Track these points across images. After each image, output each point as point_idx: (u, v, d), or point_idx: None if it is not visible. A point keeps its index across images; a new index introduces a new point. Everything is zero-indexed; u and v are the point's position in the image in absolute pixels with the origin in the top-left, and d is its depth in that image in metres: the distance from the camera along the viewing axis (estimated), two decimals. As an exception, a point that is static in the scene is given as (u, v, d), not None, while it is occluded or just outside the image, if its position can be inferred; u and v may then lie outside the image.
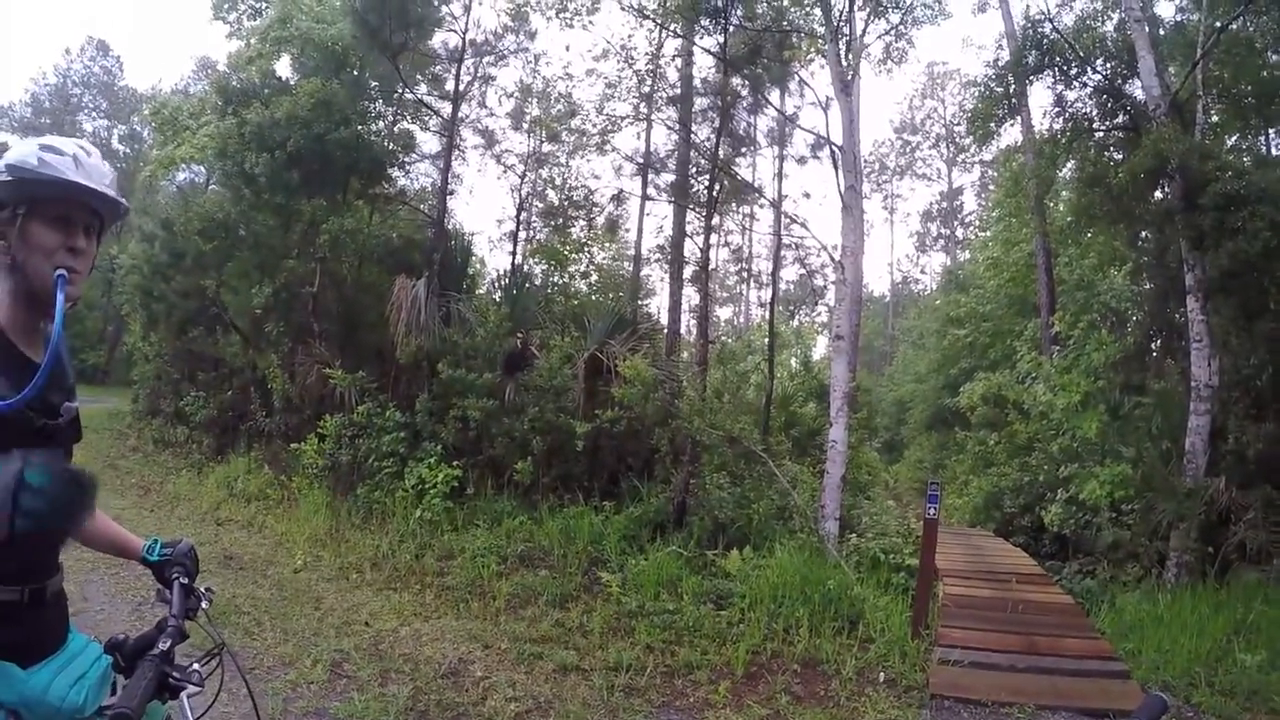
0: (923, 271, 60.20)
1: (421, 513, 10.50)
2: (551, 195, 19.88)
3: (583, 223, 20.04)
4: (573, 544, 9.89)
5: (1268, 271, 10.40)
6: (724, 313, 45.57)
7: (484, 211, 74.41)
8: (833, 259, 12.72)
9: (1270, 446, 10.95)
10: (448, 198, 15.42)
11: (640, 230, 20.00)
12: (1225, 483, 10.68)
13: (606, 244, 21.44)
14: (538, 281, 17.61)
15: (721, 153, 14.03)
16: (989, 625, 7.88)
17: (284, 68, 19.22)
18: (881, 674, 6.73)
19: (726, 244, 29.41)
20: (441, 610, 7.67)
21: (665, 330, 15.22)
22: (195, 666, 2.01)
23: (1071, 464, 12.78)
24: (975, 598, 8.99)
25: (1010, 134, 18.14)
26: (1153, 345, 14.33)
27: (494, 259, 39.16)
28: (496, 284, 16.91)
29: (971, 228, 49.23)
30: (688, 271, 14.95)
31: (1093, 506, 11.67)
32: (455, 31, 15.42)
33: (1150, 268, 13.95)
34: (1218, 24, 11.81)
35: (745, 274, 36.64)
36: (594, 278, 20.05)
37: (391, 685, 5.70)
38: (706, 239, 14.16)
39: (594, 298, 18.27)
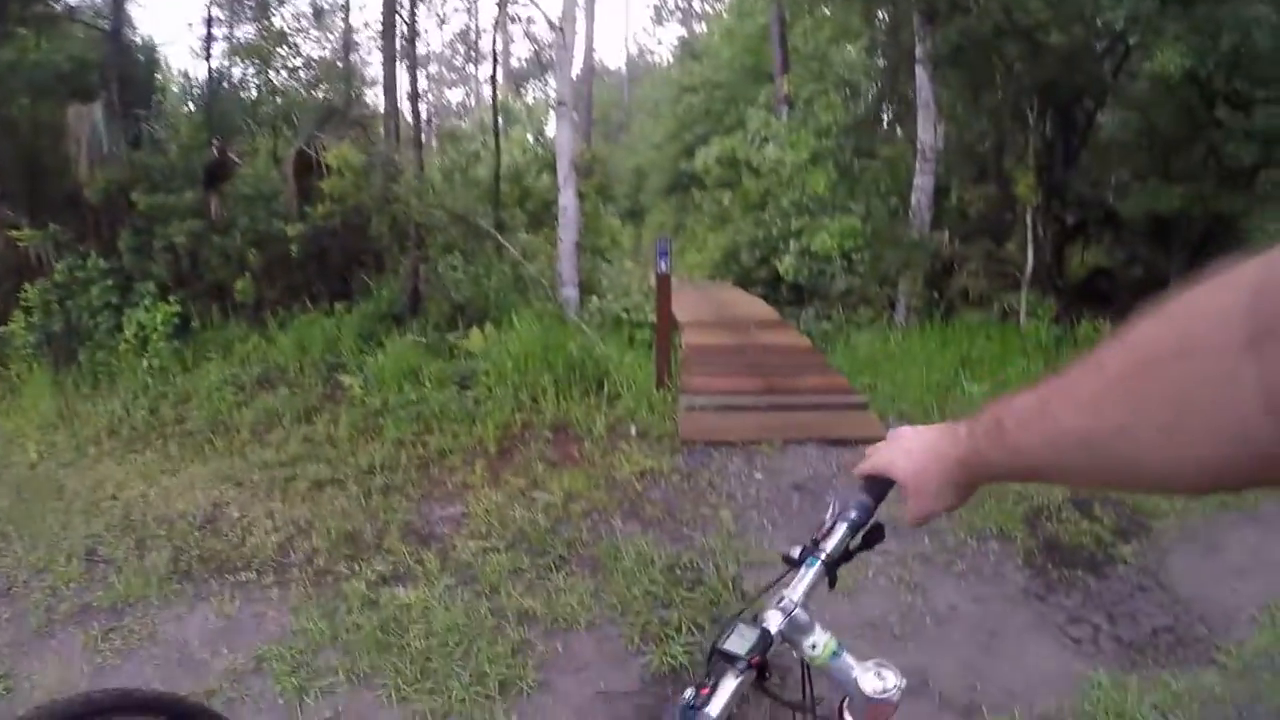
0: (659, 43, 59.28)
1: (148, 361, 9.36)
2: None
3: (286, 12, 17.57)
4: (308, 354, 9.22)
5: (996, 49, 10.67)
6: (454, 95, 43.28)
7: (175, 16, 64.94)
8: (552, 26, 11.82)
9: (990, 206, 11.56)
10: (124, 5, 12.88)
11: (348, 11, 17.84)
12: (949, 236, 11.22)
13: (315, 32, 19.06)
14: (239, 83, 15.36)
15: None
16: (731, 370, 7.97)
17: None
18: (632, 428, 6.68)
19: (442, 22, 27.16)
20: (187, 459, 6.99)
21: (382, 116, 13.82)
22: None
23: (803, 217, 13.04)
24: (716, 346, 9.11)
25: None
26: (883, 115, 14.60)
27: (197, 69, 34.36)
28: (187, 93, 14.64)
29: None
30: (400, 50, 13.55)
31: (825, 256, 12.05)
32: None
33: (884, 44, 14.08)
34: None
35: (473, 54, 34.41)
36: (304, 74, 17.83)
37: (149, 555, 5.14)
38: (413, 7, 12.87)
39: (306, 94, 16.27)
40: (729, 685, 1.07)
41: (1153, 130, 10.87)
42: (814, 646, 1.17)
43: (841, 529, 1.25)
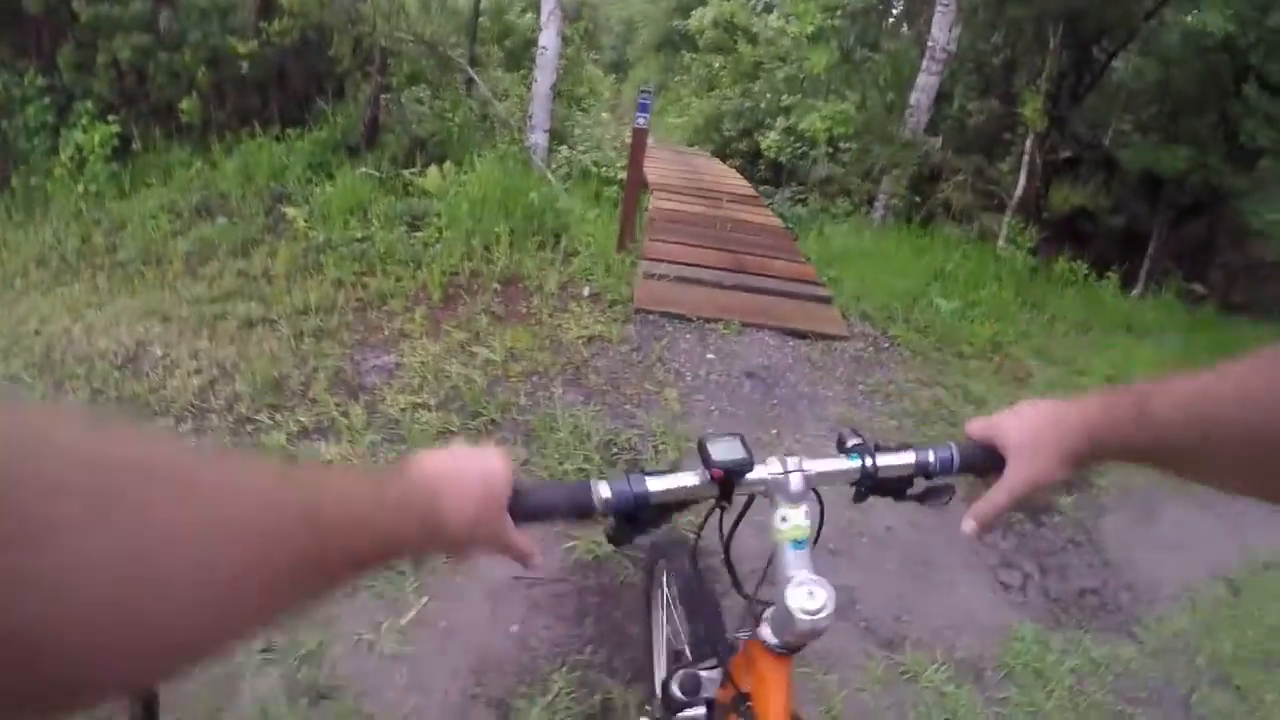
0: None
1: (84, 186, 8.47)
2: None
3: None
4: (252, 183, 8.43)
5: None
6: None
7: None
8: None
9: (990, 121, 10.95)
10: None
11: None
12: (942, 143, 10.68)
13: None
14: None
15: None
16: (698, 241, 7.49)
17: None
18: (586, 288, 6.20)
19: None
20: (115, 292, 6.34)
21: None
22: None
23: (795, 95, 12.34)
24: (685, 213, 8.58)
25: None
26: (894, 9, 13.84)
27: None
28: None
29: None
30: None
31: (811, 139, 11.40)
32: None
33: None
34: None
35: None
36: None
37: (67, 396, 4.70)
38: None
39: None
40: (683, 477, 1.03)
41: (1169, 87, 10.39)
42: (784, 520, 1.06)
43: (909, 458, 1.09)
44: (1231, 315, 11.09)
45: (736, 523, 1.22)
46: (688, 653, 1.62)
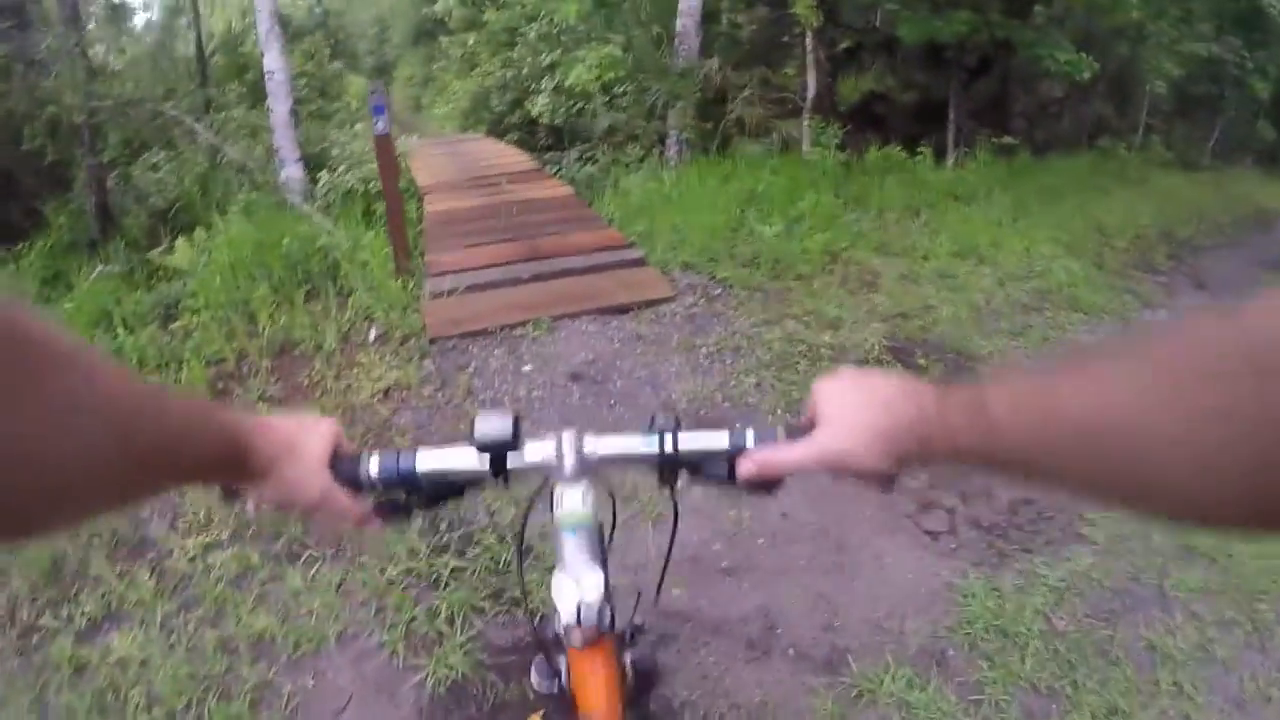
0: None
1: None
2: None
3: None
4: None
5: None
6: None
7: None
8: None
9: (763, 29, 10.40)
10: None
11: None
12: (719, 64, 10.08)
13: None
14: None
15: None
16: (483, 237, 6.65)
17: None
18: (371, 331, 5.21)
19: None
20: None
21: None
22: None
23: (555, 51, 11.47)
24: (464, 210, 7.71)
25: None
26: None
27: None
28: None
29: None
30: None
31: (583, 93, 10.55)
32: None
33: None
34: None
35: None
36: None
37: None
38: None
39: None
40: (454, 454, 0.95)
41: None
42: (559, 503, 0.96)
43: (720, 439, 0.93)
44: (1042, 157, 10.94)
45: (529, 507, 1.06)
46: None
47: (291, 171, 8.87)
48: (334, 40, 26.13)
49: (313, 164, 9.31)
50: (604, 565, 0.98)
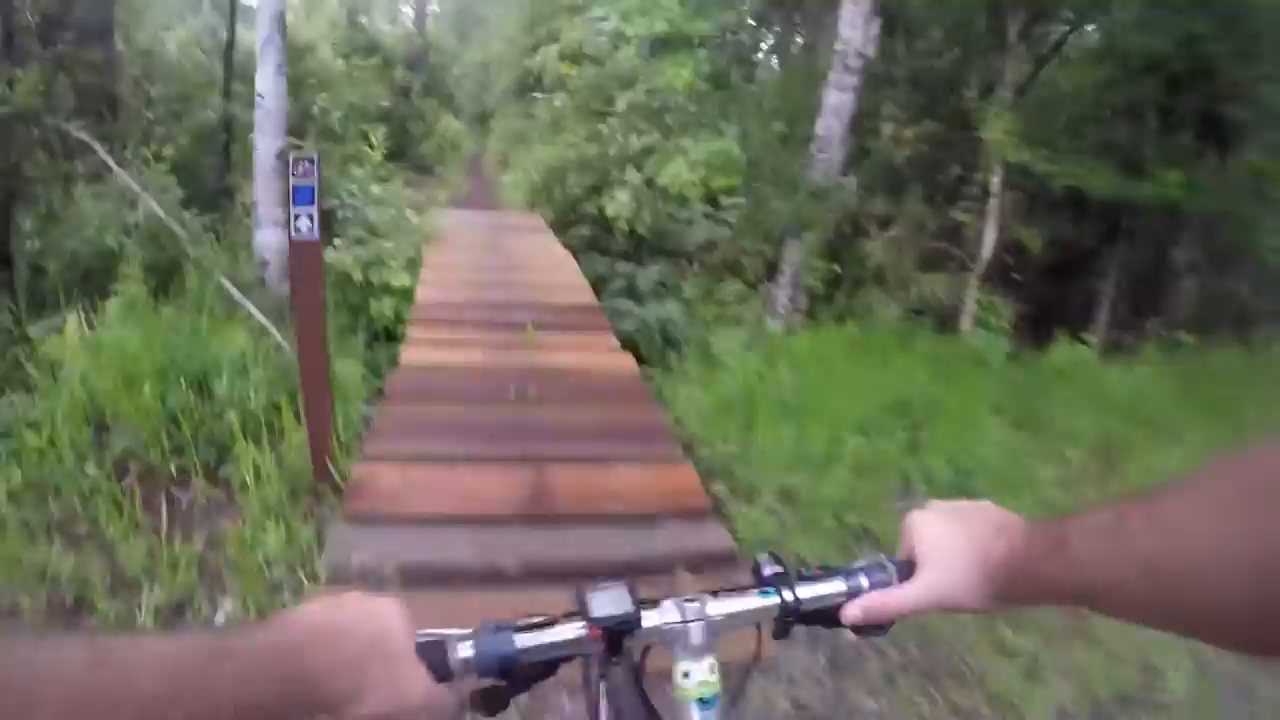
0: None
1: None
2: None
3: None
4: None
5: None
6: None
7: None
8: None
9: (933, 151, 7.77)
10: None
11: None
12: (864, 184, 7.49)
13: None
14: None
15: None
16: (461, 443, 3.93)
17: None
18: (219, 611, 2.96)
19: None
20: None
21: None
22: None
23: (650, 133, 8.89)
24: (452, 371, 4.89)
25: None
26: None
27: None
28: None
29: None
30: None
31: (679, 197, 7.91)
32: None
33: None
34: None
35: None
36: None
37: None
38: None
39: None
40: (560, 630, 0.87)
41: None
42: (686, 676, 0.89)
43: (838, 585, 0.92)
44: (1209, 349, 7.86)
45: (640, 668, 0.98)
46: None
47: (266, 237, 6.46)
48: (431, 78, 24.37)
49: (328, 223, 6.88)
50: None
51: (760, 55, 12.82)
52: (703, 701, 0.87)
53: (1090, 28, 8.10)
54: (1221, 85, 7.36)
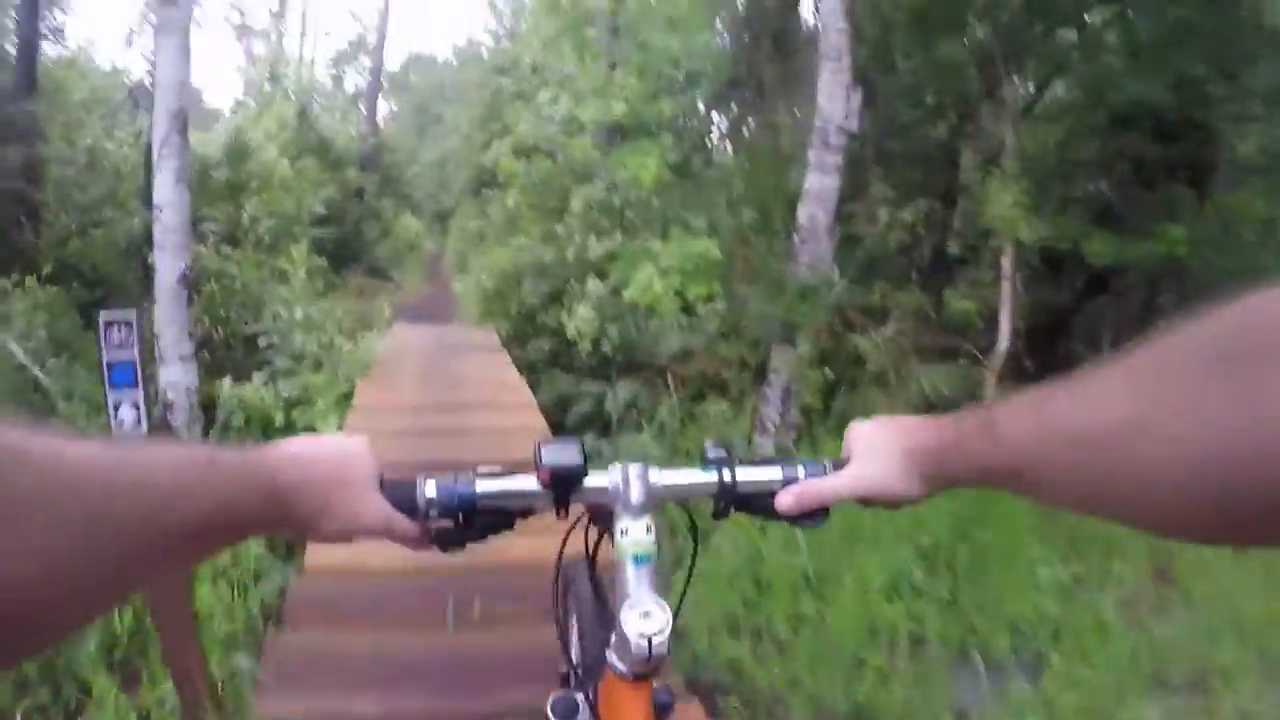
0: (489, 35, 53.34)
1: None
2: None
3: None
4: None
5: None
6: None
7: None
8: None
9: (931, 235, 6.95)
10: None
11: None
12: (853, 274, 6.67)
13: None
14: None
15: None
16: (370, 691, 2.94)
17: None
18: None
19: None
20: None
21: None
22: None
23: (612, 235, 7.98)
24: (370, 575, 3.67)
25: None
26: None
27: None
28: None
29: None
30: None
31: (650, 310, 6.95)
32: None
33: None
34: None
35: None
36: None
37: None
38: None
39: None
40: (515, 480, 0.95)
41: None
42: (624, 533, 0.94)
43: (774, 472, 0.98)
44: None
45: (600, 536, 1.10)
46: (576, 674, 1.38)
47: (171, 375, 5.55)
48: (386, 177, 23.65)
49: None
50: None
51: (712, 140, 11.97)
52: (637, 559, 0.92)
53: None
54: (1212, 131, 6.65)
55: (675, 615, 0.91)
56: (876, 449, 0.89)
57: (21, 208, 7.95)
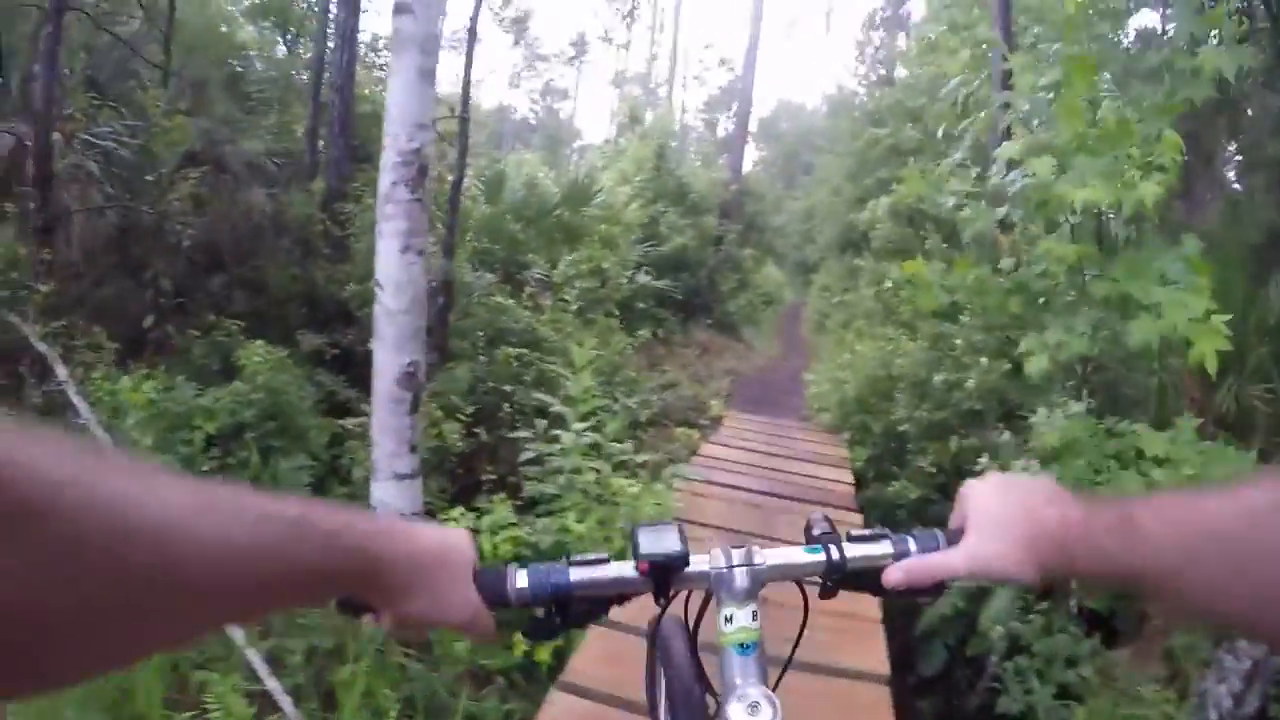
0: (862, 84, 51.24)
1: None
2: None
3: None
4: None
5: None
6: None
7: None
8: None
9: None
10: None
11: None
12: None
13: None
14: None
15: None
16: None
17: None
18: None
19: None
20: None
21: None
22: None
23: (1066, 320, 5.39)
24: None
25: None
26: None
27: None
28: None
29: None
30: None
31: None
32: None
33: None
34: None
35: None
36: None
37: None
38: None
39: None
40: (611, 568, 0.93)
41: None
42: (728, 620, 0.91)
43: (884, 547, 0.94)
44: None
45: (700, 617, 1.06)
46: None
47: (384, 494, 4.09)
48: (749, 226, 22.34)
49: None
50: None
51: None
52: (742, 647, 0.89)
53: None
54: None
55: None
56: (996, 523, 0.82)
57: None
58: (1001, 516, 0.82)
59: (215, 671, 2.94)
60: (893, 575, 0.87)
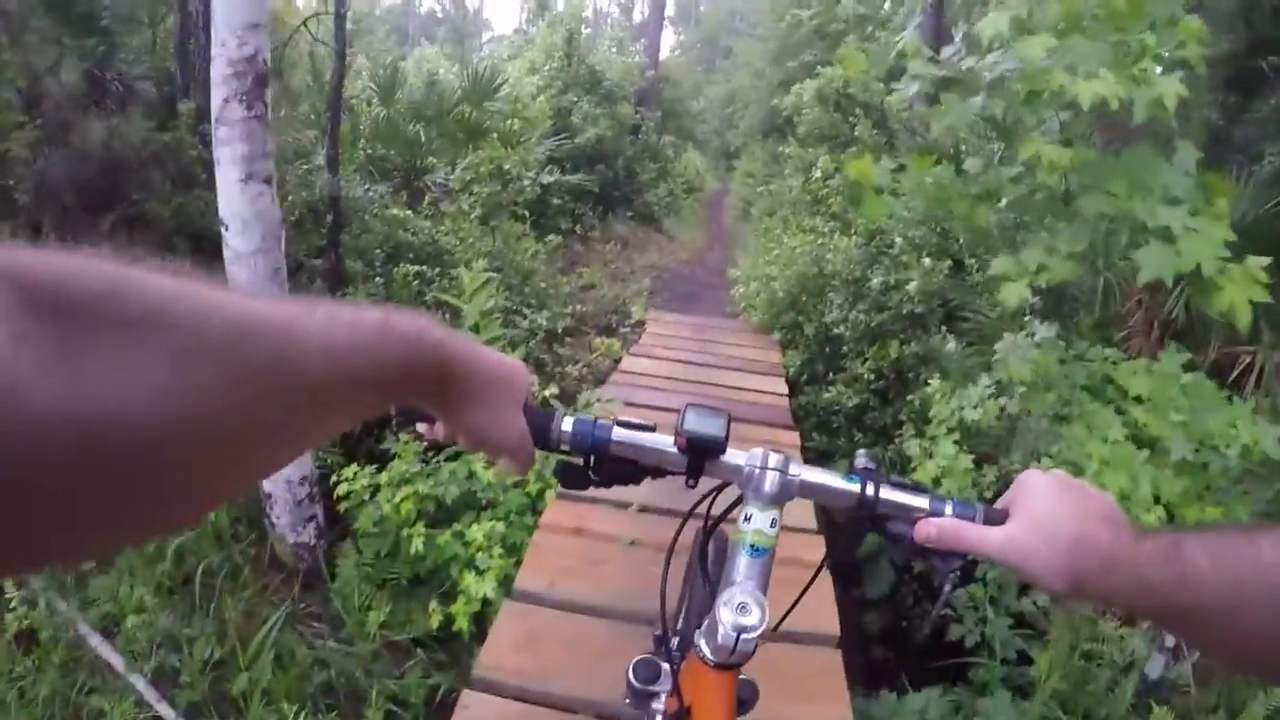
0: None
1: None
2: None
3: None
4: None
5: None
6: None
7: None
8: None
9: None
10: None
11: None
12: None
13: None
14: None
15: None
16: None
17: None
18: None
19: None
20: None
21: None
22: None
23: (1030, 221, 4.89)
24: None
25: None
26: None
27: None
28: None
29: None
30: None
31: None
32: None
33: None
34: None
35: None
36: None
37: None
38: None
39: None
40: (652, 437, 0.93)
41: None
42: (747, 519, 0.91)
43: (920, 500, 0.90)
44: None
45: (722, 515, 1.04)
46: (669, 643, 1.18)
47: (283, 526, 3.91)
48: (667, 113, 21.57)
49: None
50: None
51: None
52: (754, 549, 0.89)
53: None
54: None
55: (777, 625, 0.86)
56: (1043, 520, 0.78)
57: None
58: (1051, 516, 0.78)
59: (105, 700, 2.79)
60: (926, 528, 0.85)
